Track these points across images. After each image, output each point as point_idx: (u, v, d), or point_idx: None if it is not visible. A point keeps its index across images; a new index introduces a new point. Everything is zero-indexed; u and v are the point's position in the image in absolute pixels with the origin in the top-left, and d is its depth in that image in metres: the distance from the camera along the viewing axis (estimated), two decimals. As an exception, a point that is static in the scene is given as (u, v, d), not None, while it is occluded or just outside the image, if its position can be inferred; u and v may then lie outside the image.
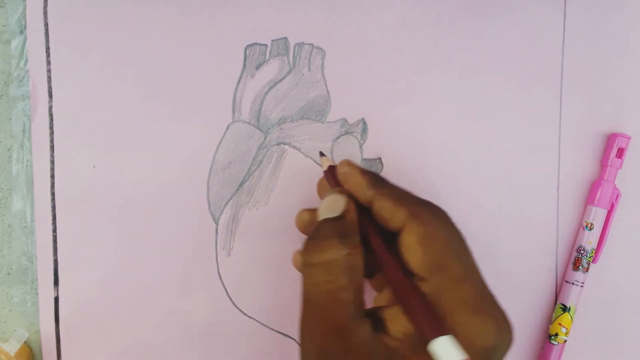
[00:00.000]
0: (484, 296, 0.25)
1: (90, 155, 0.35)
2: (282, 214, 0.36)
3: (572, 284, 0.36)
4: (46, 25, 0.35)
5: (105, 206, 0.35)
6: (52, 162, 0.35)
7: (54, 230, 0.35)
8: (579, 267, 0.36)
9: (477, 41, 0.36)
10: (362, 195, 0.28)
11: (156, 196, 0.35)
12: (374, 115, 0.36)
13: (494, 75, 0.36)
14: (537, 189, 0.37)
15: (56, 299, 0.35)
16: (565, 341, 0.36)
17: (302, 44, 0.35)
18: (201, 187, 0.35)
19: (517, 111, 0.36)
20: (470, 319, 0.24)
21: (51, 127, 0.35)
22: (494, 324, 0.24)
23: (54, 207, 0.35)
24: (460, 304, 0.24)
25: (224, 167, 0.35)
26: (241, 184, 0.36)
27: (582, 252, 0.36)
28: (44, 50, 0.35)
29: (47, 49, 0.35)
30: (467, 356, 0.23)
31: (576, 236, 0.37)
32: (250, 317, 0.36)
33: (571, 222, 0.37)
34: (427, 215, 0.26)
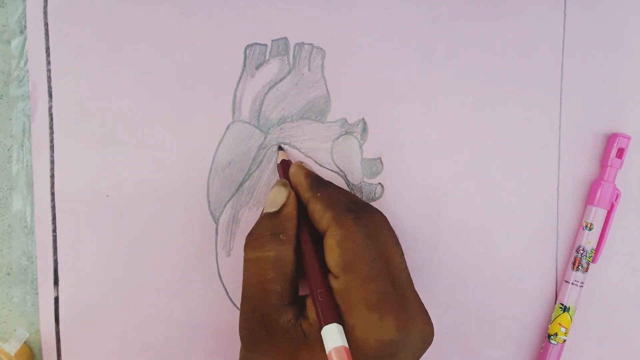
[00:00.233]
0: (388, 296, 0.27)
1: (90, 155, 0.35)
2: (282, 214, 0.36)
3: (572, 283, 0.36)
4: (46, 25, 0.34)
5: (105, 206, 0.35)
6: (52, 162, 0.35)
7: (54, 230, 0.35)
8: (578, 267, 0.36)
9: (477, 41, 0.36)
10: (302, 195, 0.31)
11: (156, 196, 0.35)
12: (374, 115, 0.36)
13: (494, 75, 0.36)
14: (537, 189, 0.37)
15: (56, 299, 0.35)
16: (564, 341, 0.36)
17: (302, 44, 0.35)
18: (201, 187, 0.35)
19: (517, 111, 0.36)
20: (369, 314, 0.27)
21: (51, 127, 0.35)
22: (394, 320, 0.27)
23: (53, 207, 0.35)
24: (362, 301, 0.27)
25: (224, 167, 0.35)
26: (241, 184, 0.36)
27: (582, 252, 0.36)
28: (44, 50, 0.35)
29: (47, 49, 0.35)
30: (346, 345, 0.25)
31: (576, 236, 0.37)
32: (250, 317, 0.36)
33: (571, 222, 0.37)
34: (348, 220, 0.29)
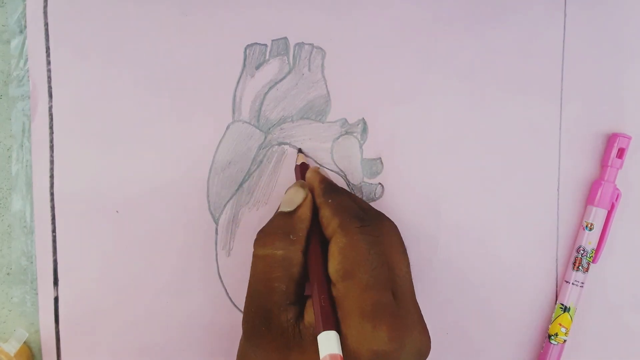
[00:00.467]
0: (384, 305, 0.27)
1: (90, 155, 0.35)
2: (282, 214, 0.36)
3: (572, 284, 0.36)
4: (46, 25, 0.34)
5: (105, 206, 0.35)
6: (51, 162, 0.35)
7: (54, 230, 0.35)
8: (578, 267, 0.36)
9: (477, 41, 0.36)
10: (315, 200, 0.32)
11: (156, 196, 0.35)
12: (374, 115, 0.36)
13: (494, 75, 0.36)
14: (537, 189, 0.37)
15: (56, 299, 0.35)
16: (564, 341, 0.36)
17: (302, 44, 0.35)
18: (201, 187, 0.35)
19: (518, 111, 0.36)
20: (363, 324, 0.27)
21: (51, 127, 0.35)
22: (387, 331, 0.27)
23: (53, 207, 0.35)
24: (357, 310, 0.27)
25: (224, 167, 0.35)
26: (241, 184, 0.36)
27: (582, 252, 0.36)
28: (44, 50, 0.35)
29: (47, 49, 0.35)
30: (340, 353, 0.25)
31: (576, 236, 0.37)
32: (250, 317, 0.36)
33: (571, 222, 0.37)
34: (353, 227, 0.29)
